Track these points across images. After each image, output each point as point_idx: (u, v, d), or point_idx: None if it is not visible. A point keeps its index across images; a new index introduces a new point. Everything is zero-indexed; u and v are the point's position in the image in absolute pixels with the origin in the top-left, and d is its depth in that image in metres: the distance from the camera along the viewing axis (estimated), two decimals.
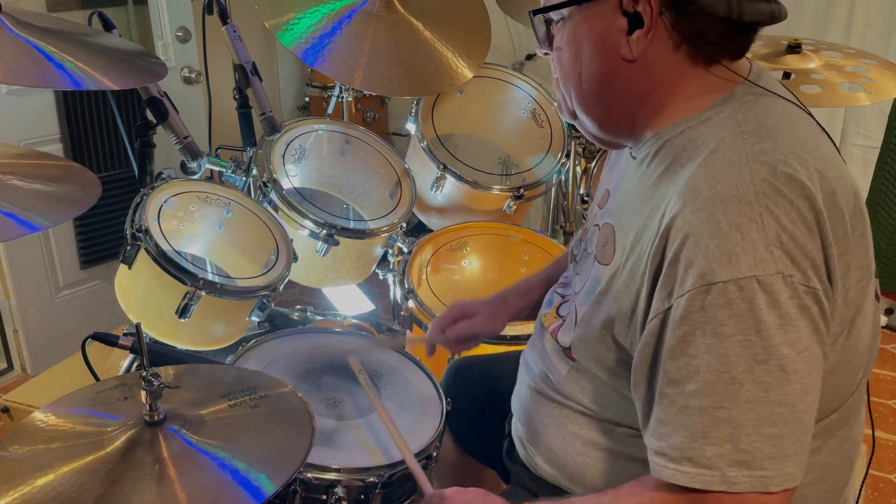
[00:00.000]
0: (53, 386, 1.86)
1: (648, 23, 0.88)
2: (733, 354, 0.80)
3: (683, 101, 0.92)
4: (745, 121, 0.88)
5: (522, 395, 1.16)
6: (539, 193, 2.15)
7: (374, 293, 2.28)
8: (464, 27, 2.13)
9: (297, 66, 3.47)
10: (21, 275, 2.44)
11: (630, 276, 0.91)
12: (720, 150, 0.86)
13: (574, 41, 0.94)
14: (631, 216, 0.96)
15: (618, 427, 1.01)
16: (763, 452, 0.81)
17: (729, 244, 0.80)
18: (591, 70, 0.94)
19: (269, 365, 1.34)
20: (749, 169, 0.83)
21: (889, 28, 2.67)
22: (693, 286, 0.81)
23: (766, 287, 0.79)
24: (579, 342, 1.00)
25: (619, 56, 0.91)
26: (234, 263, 1.73)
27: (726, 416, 0.81)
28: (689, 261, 0.82)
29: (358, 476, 1.15)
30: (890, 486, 2.19)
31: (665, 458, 0.85)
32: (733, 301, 0.80)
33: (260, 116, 1.76)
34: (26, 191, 1.14)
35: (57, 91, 2.35)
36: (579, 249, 1.13)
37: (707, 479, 0.82)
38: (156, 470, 0.87)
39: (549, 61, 1.02)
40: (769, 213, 0.81)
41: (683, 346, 0.83)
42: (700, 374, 0.82)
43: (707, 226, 0.81)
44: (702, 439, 0.82)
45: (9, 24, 1.16)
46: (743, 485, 0.81)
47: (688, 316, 0.82)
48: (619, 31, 0.90)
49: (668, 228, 0.85)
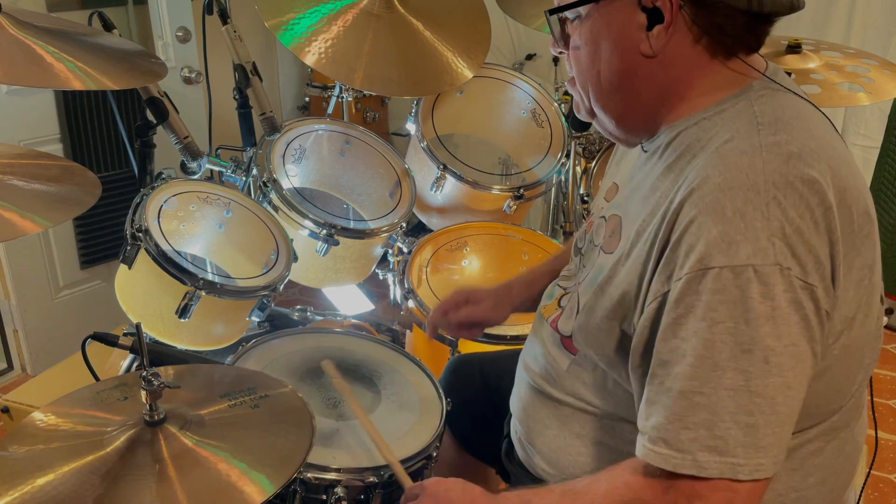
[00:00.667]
0: (53, 386, 1.86)
1: (669, 17, 0.87)
2: (719, 341, 0.81)
3: (701, 94, 0.92)
4: (762, 113, 0.88)
5: (522, 395, 1.16)
6: (539, 193, 2.15)
7: (374, 293, 2.28)
8: (464, 27, 2.12)
9: (297, 66, 3.46)
10: (21, 275, 2.44)
11: (634, 263, 0.91)
12: (734, 140, 0.86)
13: (592, 39, 0.93)
14: (638, 206, 0.96)
15: (619, 423, 1.01)
16: (736, 440, 0.81)
17: (731, 231, 0.80)
18: (611, 68, 0.93)
19: (269, 365, 1.34)
20: (762, 159, 0.83)
21: (889, 28, 2.67)
22: (691, 269, 0.81)
23: (762, 277, 0.79)
24: (581, 330, 1.00)
25: (639, 52, 0.90)
26: (234, 263, 1.73)
27: (705, 402, 0.82)
28: (691, 245, 0.82)
29: (358, 476, 1.15)
30: (890, 486, 2.19)
31: (645, 437, 0.86)
32: (727, 287, 0.80)
33: (260, 116, 1.76)
34: (26, 191, 1.14)
35: (57, 91, 2.35)
36: (584, 242, 1.12)
37: (678, 462, 0.83)
38: (156, 470, 0.87)
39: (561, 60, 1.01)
40: (776, 204, 0.81)
41: (676, 328, 0.83)
42: (686, 357, 0.82)
43: (712, 211, 0.81)
44: (678, 422, 0.83)
45: (9, 24, 1.16)
46: (712, 470, 0.81)
47: (682, 298, 0.82)
48: (638, 27, 0.89)
49: (676, 213, 0.85)
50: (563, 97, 2.43)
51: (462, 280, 1.93)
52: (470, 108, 2.24)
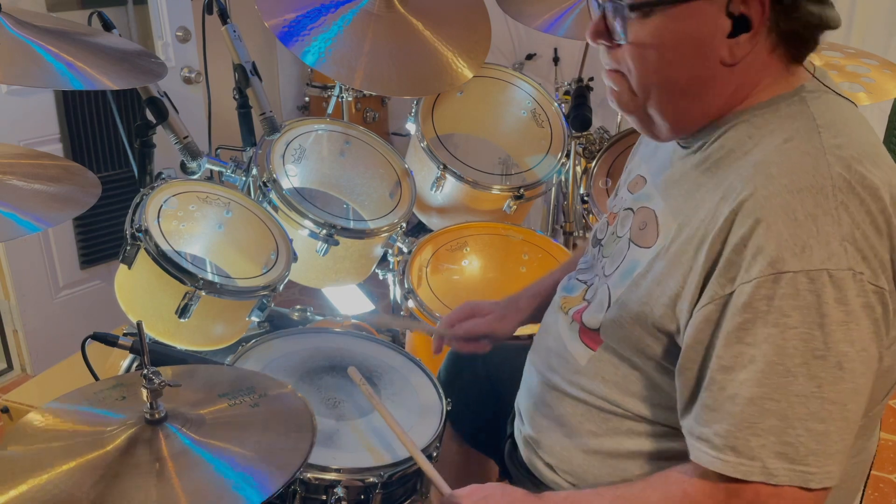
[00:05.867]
0: (53, 386, 1.86)
1: (757, 26, 0.85)
2: (791, 346, 0.79)
3: (757, 93, 0.91)
4: (819, 114, 0.87)
5: (533, 391, 1.14)
6: (539, 193, 2.15)
7: (374, 293, 2.28)
8: (464, 27, 2.13)
9: (297, 66, 3.46)
10: (21, 275, 2.44)
11: (676, 259, 0.90)
12: (795, 140, 0.85)
13: (665, 41, 0.87)
14: (679, 200, 0.94)
15: (637, 422, 0.99)
16: (808, 448, 0.80)
17: (804, 234, 0.79)
18: (686, 73, 0.89)
19: (269, 365, 1.34)
20: (826, 162, 0.82)
21: (889, 28, 2.67)
22: (761, 273, 0.80)
23: (837, 282, 0.78)
24: (612, 323, 0.98)
25: (718, 59, 0.87)
26: (234, 263, 1.73)
27: (775, 408, 0.80)
28: (759, 247, 0.81)
29: (358, 476, 1.15)
30: (890, 485, 2.19)
31: (708, 444, 0.85)
32: (801, 292, 0.79)
33: (260, 116, 1.76)
34: (26, 191, 1.14)
35: (57, 91, 2.35)
36: (605, 233, 1.11)
37: (747, 470, 0.82)
38: (156, 468, 0.87)
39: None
40: (844, 208, 0.80)
41: (742, 333, 0.82)
42: (755, 363, 0.81)
43: (782, 213, 0.80)
44: (748, 430, 0.81)
45: (9, 24, 1.16)
46: (782, 478, 0.81)
47: (752, 303, 0.81)
48: (720, 34, 0.85)
49: (735, 213, 0.83)
50: (563, 97, 2.44)
51: (462, 280, 1.93)
52: (470, 108, 2.24)
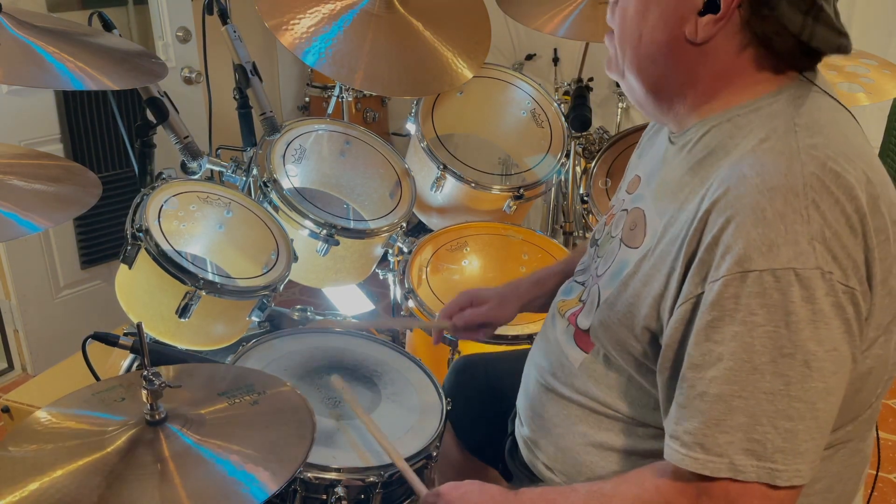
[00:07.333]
0: (54, 386, 1.86)
1: (725, 10, 0.86)
2: (759, 344, 0.80)
3: (736, 92, 0.91)
4: (799, 115, 0.87)
5: (530, 392, 1.15)
6: (539, 193, 2.16)
7: (374, 293, 2.28)
8: (464, 27, 2.13)
9: (297, 66, 3.47)
10: (21, 275, 2.44)
11: (660, 260, 0.90)
12: (771, 140, 0.86)
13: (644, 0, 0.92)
14: (665, 200, 0.95)
15: (629, 424, 1.00)
16: (775, 445, 0.80)
17: (771, 233, 0.79)
18: (653, 36, 0.92)
19: (269, 365, 1.34)
20: (800, 161, 0.82)
21: (889, 28, 2.68)
22: (728, 272, 0.80)
23: (804, 281, 0.78)
24: (601, 325, 0.99)
25: (683, 33, 0.89)
26: (235, 263, 1.74)
27: (743, 406, 0.80)
28: (728, 246, 0.81)
29: (358, 476, 1.15)
30: (890, 485, 2.19)
31: (678, 442, 0.85)
32: (767, 290, 0.79)
33: (260, 116, 1.77)
34: (26, 191, 1.14)
35: (57, 91, 2.35)
36: (602, 234, 1.11)
37: (715, 467, 0.82)
38: (157, 469, 0.87)
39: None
40: (815, 208, 0.80)
41: (710, 331, 0.82)
42: (723, 361, 0.81)
43: (751, 212, 0.80)
44: (716, 427, 0.82)
45: (9, 24, 1.16)
46: (750, 474, 0.81)
47: (719, 301, 0.81)
48: (691, 8, 0.88)
49: (708, 212, 0.83)
50: (562, 97, 2.44)
51: (462, 280, 1.93)
52: (470, 108, 2.24)
